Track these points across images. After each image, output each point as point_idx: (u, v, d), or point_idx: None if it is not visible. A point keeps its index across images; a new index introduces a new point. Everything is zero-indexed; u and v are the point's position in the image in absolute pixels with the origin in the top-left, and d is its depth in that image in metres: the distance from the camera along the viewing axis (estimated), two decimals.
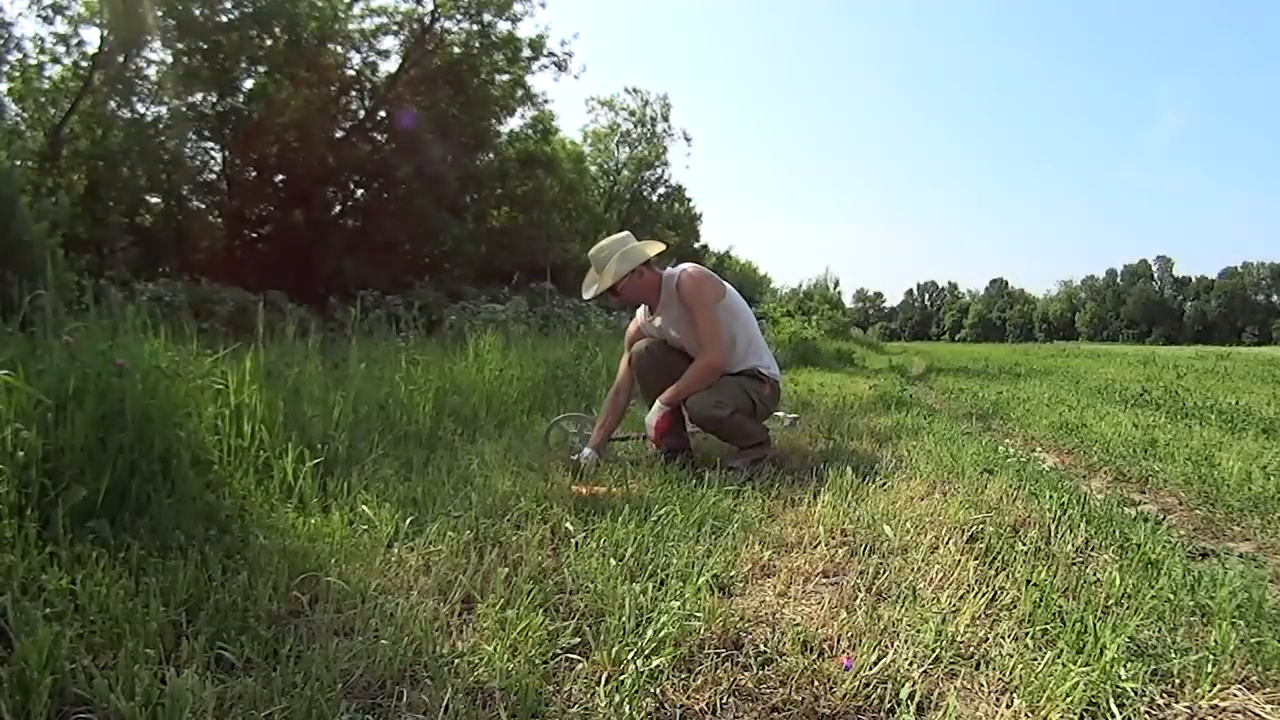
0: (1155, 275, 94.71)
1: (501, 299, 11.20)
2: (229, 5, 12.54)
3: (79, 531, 1.58)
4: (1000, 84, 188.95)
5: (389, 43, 15.19)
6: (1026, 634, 1.39)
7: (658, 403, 2.80)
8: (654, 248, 2.86)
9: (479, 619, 1.42)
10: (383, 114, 15.16)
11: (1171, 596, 1.53)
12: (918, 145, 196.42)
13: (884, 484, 2.50)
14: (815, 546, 1.90)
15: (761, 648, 1.36)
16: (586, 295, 2.90)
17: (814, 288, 31.96)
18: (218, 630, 1.31)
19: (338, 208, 15.74)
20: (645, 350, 2.96)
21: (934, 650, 1.33)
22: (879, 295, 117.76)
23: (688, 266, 2.89)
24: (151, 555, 1.54)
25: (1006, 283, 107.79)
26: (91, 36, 12.24)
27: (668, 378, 2.86)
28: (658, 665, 1.24)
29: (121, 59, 12.18)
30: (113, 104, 12.40)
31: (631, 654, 1.26)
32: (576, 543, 1.81)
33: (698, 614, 1.42)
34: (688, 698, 1.20)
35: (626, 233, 2.95)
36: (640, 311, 3.09)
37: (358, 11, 14.68)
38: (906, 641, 1.36)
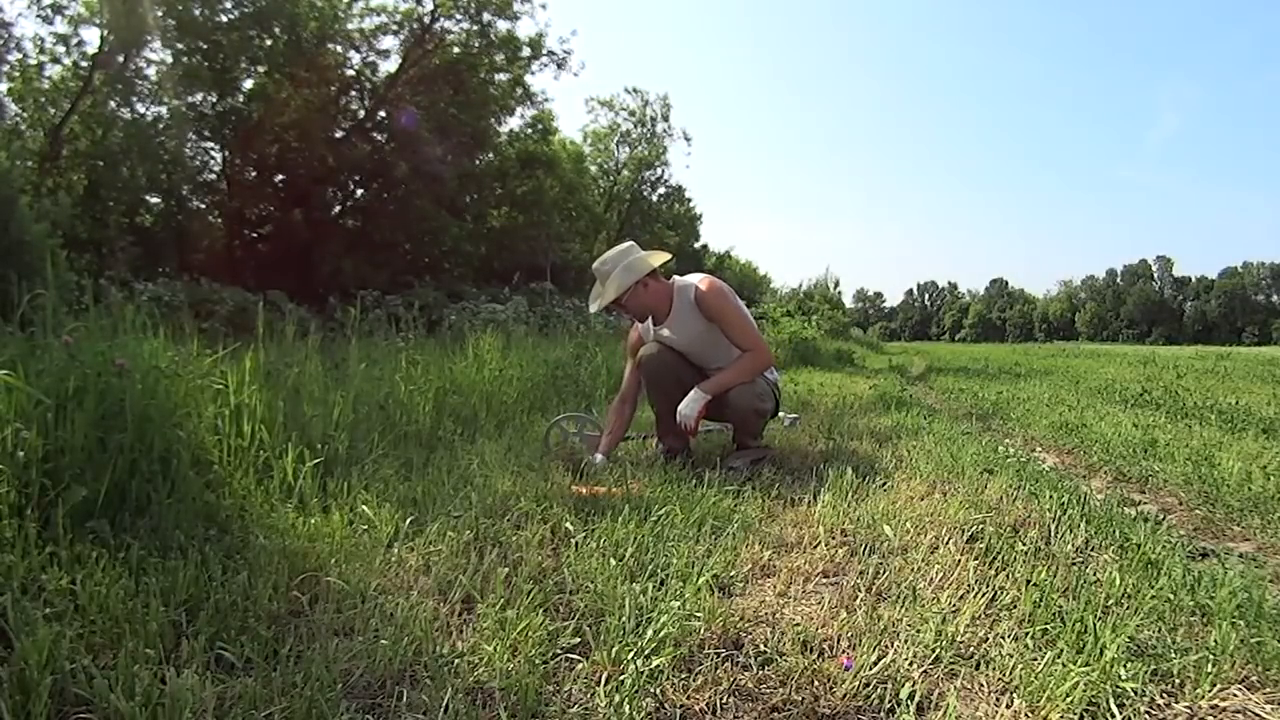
0: (1155, 275, 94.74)
1: (501, 299, 11.21)
2: (229, 5, 12.54)
3: (79, 531, 1.57)
4: (1000, 84, 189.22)
5: (388, 42, 15.22)
6: (1026, 634, 1.39)
7: (696, 391, 2.72)
8: (658, 258, 2.81)
9: (479, 619, 1.42)
10: (382, 114, 15.17)
11: (1171, 596, 1.53)
12: (918, 145, 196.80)
13: (884, 484, 2.50)
14: (815, 546, 1.90)
15: (761, 648, 1.36)
16: (592, 309, 2.86)
17: (814, 288, 31.98)
18: (218, 630, 1.31)
19: (337, 208, 15.74)
20: (656, 354, 2.87)
21: (934, 650, 1.33)
22: (879, 295, 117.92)
23: (702, 277, 2.85)
24: (151, 555, 1.54)
25: (1006, 283, 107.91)
26: (91, 36, 12.25)
27: (677, 383, 2.82)
28: (658, 665, 1.24)
29: (121, 59, 12.18)
30: (113, 104, 12.40)
31: (631, 654, 1.26)
32: (576, 543, 1.81)
33: (698, 614, 1.42)
34: (688, 698, 1.20)
35: (630, 243, 2.89)
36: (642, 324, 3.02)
37: (357, 11, 14.69)
38: (906, 641, 1.36)
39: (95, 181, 11.73)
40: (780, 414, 3.83)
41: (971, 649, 1.35)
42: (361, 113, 15.34)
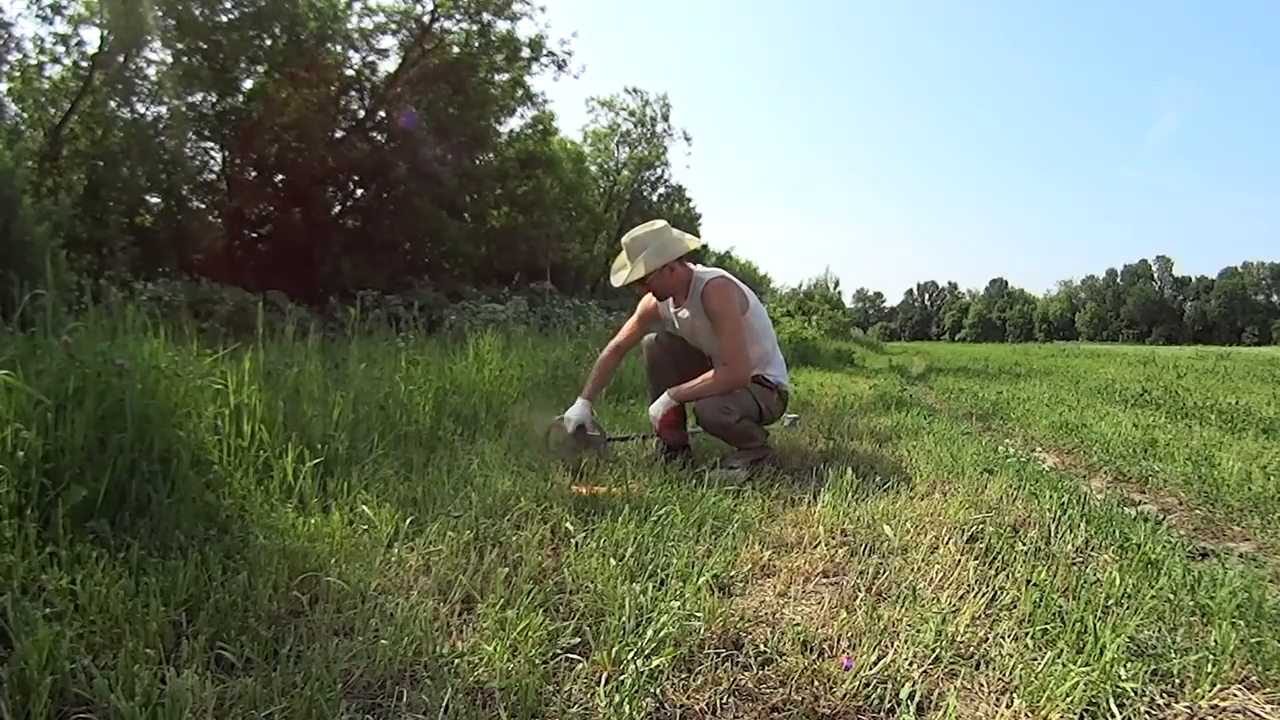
0: (1155, 275, 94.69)
1: (501, 299, 11.21)
2: (229, 5, 12.53)
3: (79, 531, 1.57)
4: (1000, 84, 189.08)
5: (388, 42, 15.19)
6: (1026, 634, 1.39)
7: (665, 396, 2.83)
8: (691, 242, 2.86)
9: (479, 619, 1.42)
10: (382, 114, 15.15)
11: (1171, 596, 1.53)
12: (918, 145, 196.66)
13: (884, 484, 2.50)
14: (815, 546, 1.90)
15: (761, 648, 1.36)
16: (615, 282, 2.93)
17: (814, 288, 31.97)
18: (218, 630, 1.31)
19: (337, 207, 15.72)
20: (657, 342, 3.01)
21: (934, 650, 1.33)
22: (879, 295, 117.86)
23: (715, 275, 2.88)
24: (151, 555, 1.54)
25: (1006, 283, 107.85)
26: (91, 36, 12.22)
27: (675, 372, 2.92)
28: (658, 665, 1.24)
29: (121, 59, 12.16)
30: (113, 104, 12.37)
31: (631, 654, 1.26)
32: (576, 543, 1.81)
33: (698, 614, 1.42)
34: (688, 698, 1.20)
35: (664, 223, 2.93)
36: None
37: (356, 11, 14.68)
38: (906, 641, 1.36)
39: (95, 181, 11.70)
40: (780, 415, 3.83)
41: (971, 649, 1.35)
42: (361, 113, 15.32)
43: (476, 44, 15.36)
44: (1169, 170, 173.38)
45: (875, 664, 1.28)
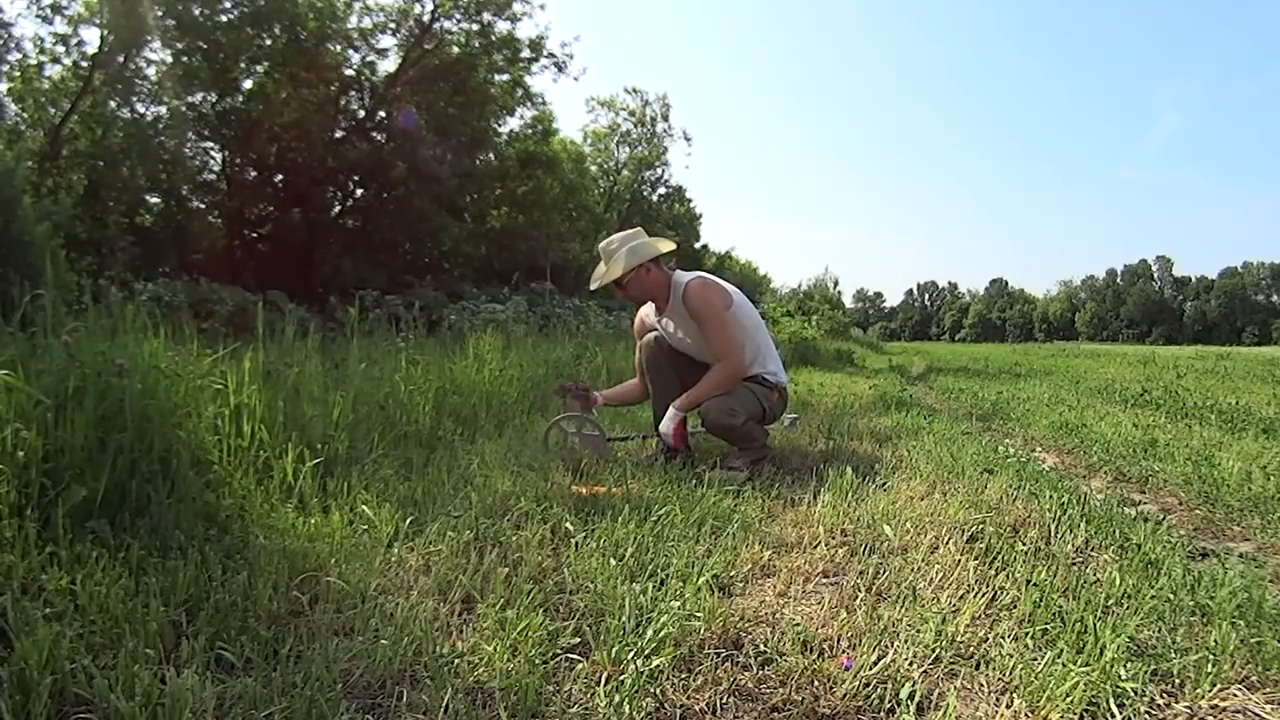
0: (1155, 275, 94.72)
1: (501, 299, 11.22)
2: (229, 5, 12.53)
3: (79, 531, 1.57)
4: (1000, 84, 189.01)
5: (387, 42, 15.19)
6: (1026, 634, 1.39)
7: (672, 409, 2.84)
8: (664, 245, 2.88)
9: (479, 619, 1.42)
10: (382, 114, 15.15)
11: (1171, 596, 1.53)
12: (918, 145, 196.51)
13: (884, 484, 2.50)
14: (815, 546, 1.90)
15: (761, 648, 1.36)
16: (592, 286, 2.97)
17: (814, 288, 32.07)
18: (218, 630, 1.31)
19: (337, 208, 15.73)
20: (654, 341, 3.04)
21: (934, 650, 1.33)
22: (879, 295, 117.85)
23: (694, 277, 2.90)
24: (151, 555, 1.54)
25: (1006, 283, 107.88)
26: (91, 36, 12.24)
27: (671, 372, 2.95)
28: (658, 665, 1.24)
29: (121, 59, 12.17)
30: (113, 104, 12.38)
31: (631, 654, 1.26)
32: (576, 543, 1.81)
33: (698, 614, 1.42)
34: (688, 698, 1.20)
35: (638, 228, 2.97)
36: (648, 307, 3.11)
37: (356, 10, 14.68)
38: (906, 641, 1.36)
39: (95, 181, 11.71)
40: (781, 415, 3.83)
41: (971, 649, 1.35)
42: (361, 113, 15.32)
43: (476, 44, 15.36)
44: (1169, 170, 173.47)
45: (875, 664, 1.28)
